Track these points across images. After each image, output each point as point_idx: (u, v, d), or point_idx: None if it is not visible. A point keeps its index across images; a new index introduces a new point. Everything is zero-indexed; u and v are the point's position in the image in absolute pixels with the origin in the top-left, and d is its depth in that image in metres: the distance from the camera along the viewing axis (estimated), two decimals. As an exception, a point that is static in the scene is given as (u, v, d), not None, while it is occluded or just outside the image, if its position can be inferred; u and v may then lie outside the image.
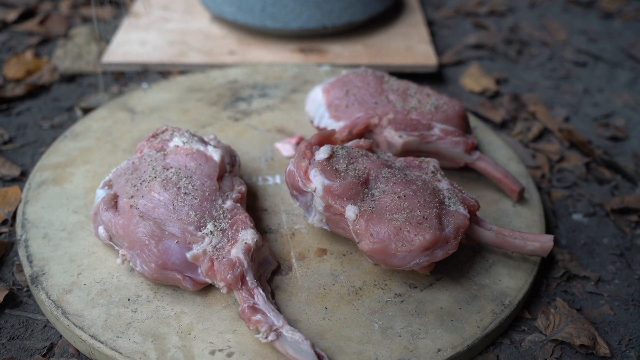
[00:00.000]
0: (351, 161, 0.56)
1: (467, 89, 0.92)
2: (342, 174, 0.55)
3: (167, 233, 0.52)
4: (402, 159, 0.60)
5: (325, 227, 0.57)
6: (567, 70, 0.98)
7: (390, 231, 0.51)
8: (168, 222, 0.53)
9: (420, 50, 0.95)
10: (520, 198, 0.65)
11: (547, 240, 0.55)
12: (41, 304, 0.55)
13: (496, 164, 0.66)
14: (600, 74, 0.97)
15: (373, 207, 0.53)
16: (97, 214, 0.56)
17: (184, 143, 0.60)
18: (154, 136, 0.62)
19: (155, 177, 0.56)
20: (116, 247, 0.55)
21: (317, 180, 0.54)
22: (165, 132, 0.62)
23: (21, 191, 0.67)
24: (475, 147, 0.67)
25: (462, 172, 0.68)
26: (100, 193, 0.57)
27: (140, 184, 0.56)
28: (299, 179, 0.55)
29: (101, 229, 0.55)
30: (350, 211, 0.53)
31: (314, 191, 0.54)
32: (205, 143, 0.61)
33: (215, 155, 0.60)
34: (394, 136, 0.64)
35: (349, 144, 0.60)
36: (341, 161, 0.56)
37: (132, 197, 0.55)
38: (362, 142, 0.60)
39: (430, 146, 0.65)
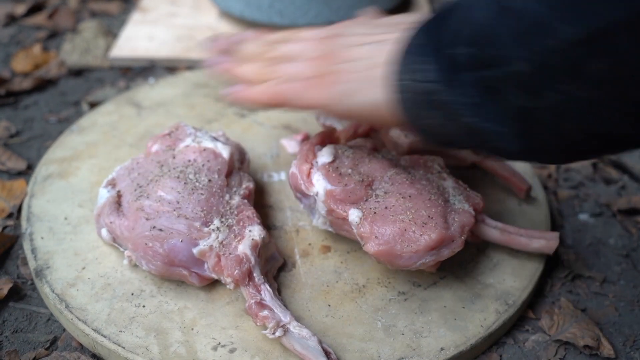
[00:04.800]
0: (356, 163, 0.56)
1: (474, 88, 0.92)
2: (346, 178, 0.54)
3: (172, 232, 0.52)
4: (407, 157, 0.59)
5: (329, 229, 0.56)
6: (575, 69, 0.97)
7: (395, 232, 0.51)
8: (174, 219, 0.53)
9: (428, 48, 0.94)
10: (527, 196, 0.65)
11: (553, 238, 0.55)
12: (45, 298, 0.55)
13: (503, 162, 0.66)
14: (609, 74, 0.96)
15: (377, 208, 0.52)
16: (101, 215, 0.56)
17: (193, 140, 0.60)
18: (169, 134, 0.62)
19: (162, 175, 0.56)
20: (121, 249, 0.56)
21: (319, 185, 0.54)
22: (178, 130, 0.62)
23: (27, 185, 0.67)
24: None
25: (468, 170, 0.68)
26: (104, 192, 0.57)
27: (147, 184, 0.56)
28: (301, 182, 0.55)
29: (104, 231, 0.55)
30: (354, 215, 0.52)
31: (316, 195, 0.54)
32: (215, 140, 0.61)
33: (224, 152, 0.59)
34: (400, 136, 0.64)
35: (353, 142, 0.60)
36: (345, 163, 0.56)
37: (137, 198, 0.54)
38: (367, 142, 0.60)
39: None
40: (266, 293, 0.51)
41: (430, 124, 0.45)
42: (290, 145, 0.71)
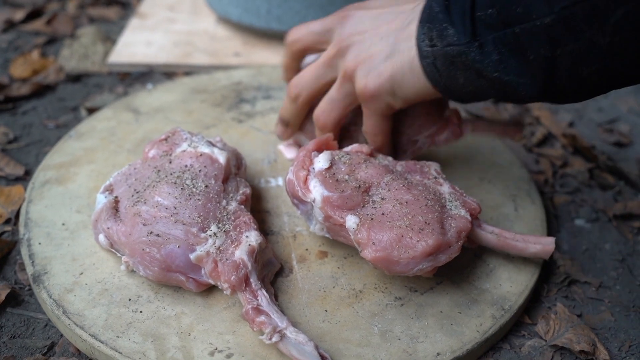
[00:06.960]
0: (352, 169, 0.56)
1: (471, 93, 0.92)
2: (343, 185, 0.54)
3: (170, 237, 0.52)
4: (402, 163, 0.60)
5: (327, 236, 0.57)
6: (572, 75, 0.97)
7: (392, 238, 0.51)
8: (171, 224, 0.53)
9: (425, 54, 0.95)
10: (521, 133, 0.66)
11: (549, 243, 0.55)
12: (42, 303, 0.55)
13: (488, 125, 0.65)
14: (606, 79, 0.96)
15: (374, 215, 0.53)
16: (98, 221, 0.56)
17: (189, 145, 0.60)
18: (165, 139, 0.62)
19: (159, 180, 0.56)
20: (118, 254, 0.56)
21: (316, 191, 0.54)
22: (175, 135, 0.62)
23: (25, 190, 0.67)
24: (459, 117, 0.65)
25: (464, 176, 0.68)
26: (101, 198, 0.57)
27: (144, 190, 0.56)
28: (298, 188, 0.55)
29: (102, 237, 0.56)
30: (351, 221, 0.52)
31: (313, 202, 0.54)
32: (212, 145, 0.61)
33: (221, 157, 0.60)
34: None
35: (349, 148, 0.60)
36: (342, 169, 0.56)
37: (134, 204, 0.55)
38: (363, 147, 0.60)
39: (424, 151, 0.65)
40: (263, 298, 0.51)
41: (456, 83, 0.50)
42: (288, 151, 0.71)
